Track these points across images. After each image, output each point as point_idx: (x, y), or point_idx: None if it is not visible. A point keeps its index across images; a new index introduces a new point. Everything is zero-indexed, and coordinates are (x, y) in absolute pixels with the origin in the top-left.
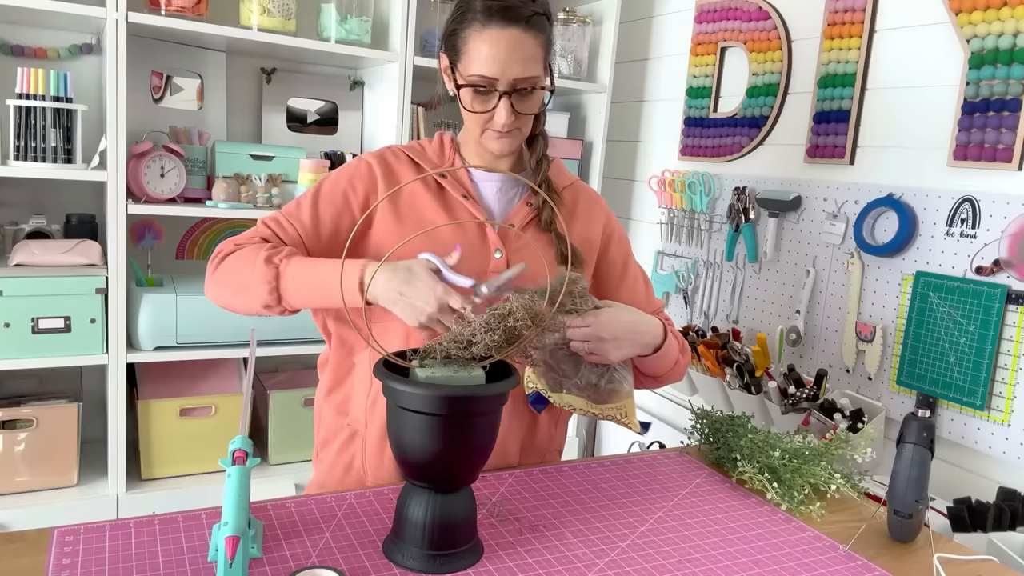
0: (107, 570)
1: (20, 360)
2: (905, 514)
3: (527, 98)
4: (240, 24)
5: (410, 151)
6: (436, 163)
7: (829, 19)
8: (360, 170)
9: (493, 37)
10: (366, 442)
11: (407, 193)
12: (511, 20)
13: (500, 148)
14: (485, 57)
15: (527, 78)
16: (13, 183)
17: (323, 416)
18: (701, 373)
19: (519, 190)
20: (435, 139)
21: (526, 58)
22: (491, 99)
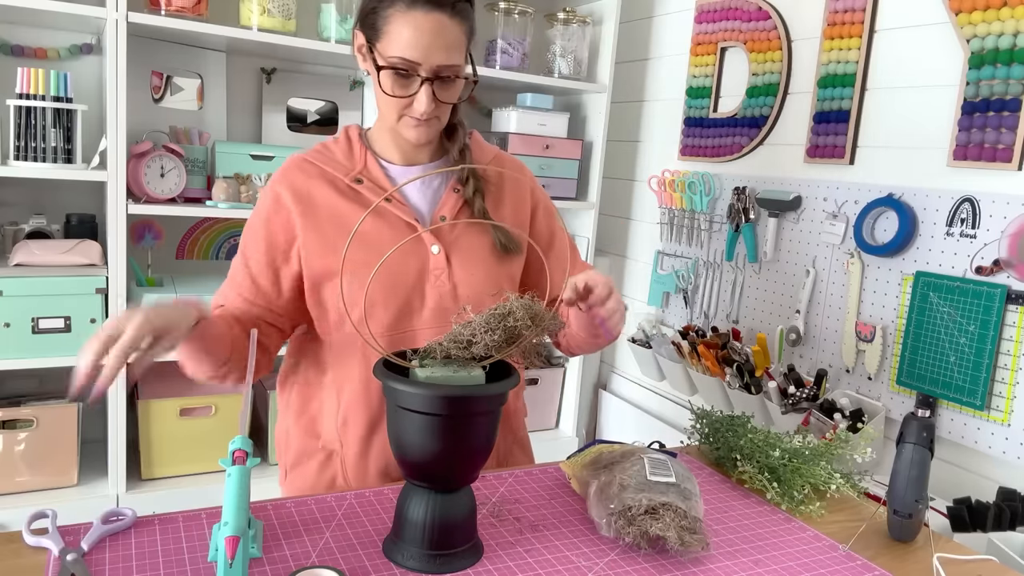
0: (107, 570)
1: (20, 360)
2: (905, 514)
3: (448, 86)
4: (240, 24)
5: (315, 158)
6: (347, 166)
7: (829, 19)
8: (271, 208)
9: (417, 20)
10: (345, 461)
11: (325, 210)
12: (436, 5)
13: (417, 136)
14: (408, 40)
15: (450, 66)
16: (13, 183)
17: (290, 438)
18: (701, 373)
19: (443, 177)
20: (341, 136)
21: (449, 45)
22: (412, 84)
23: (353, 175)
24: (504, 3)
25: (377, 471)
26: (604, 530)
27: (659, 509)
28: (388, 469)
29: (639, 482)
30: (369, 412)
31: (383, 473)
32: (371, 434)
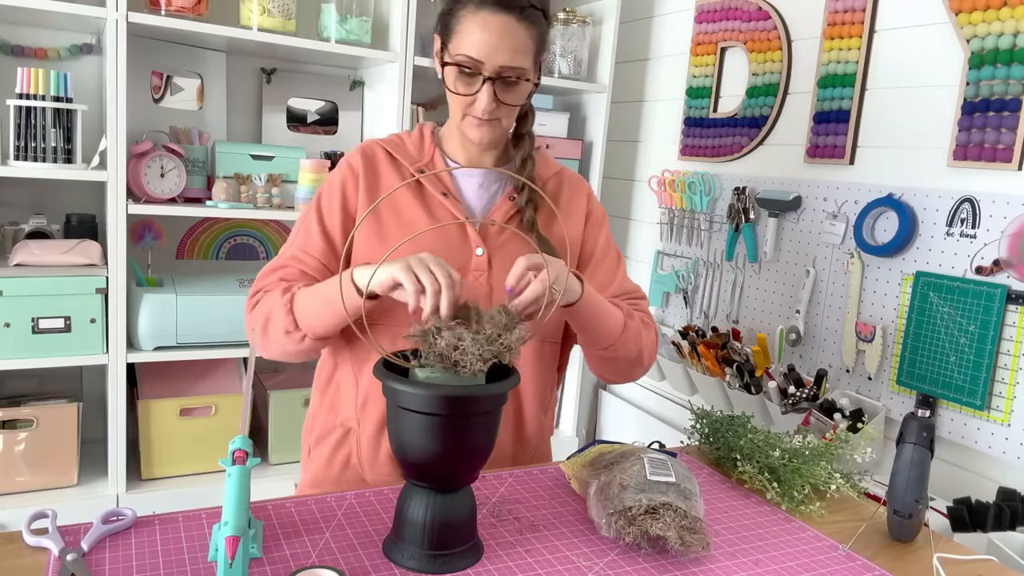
0: (107, 570)
1: (20, 360)
2: (905, 514)
3: (511, 88)
4: (240, 24)
5: (388, 145)
6: (415, 157)
7: (829, 19)
8: (345, 173)
9: (485, 20)
10: (360, 440)
11: (386, 187)
12: (505, 7)
13: (479, 136)
14: (475, 39)
15: (513, 68)
16: (13, 183)
17: (319, 413)
18: (701, 373)
19: (501, 185)
20: (415, 132)
21: (515, 47)
22: (475, 83)
23: (419, 165)
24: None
25: (389, 455)
26: (604, 530)
27: (659, 509)
28: None
29: (639, 482)
30: None
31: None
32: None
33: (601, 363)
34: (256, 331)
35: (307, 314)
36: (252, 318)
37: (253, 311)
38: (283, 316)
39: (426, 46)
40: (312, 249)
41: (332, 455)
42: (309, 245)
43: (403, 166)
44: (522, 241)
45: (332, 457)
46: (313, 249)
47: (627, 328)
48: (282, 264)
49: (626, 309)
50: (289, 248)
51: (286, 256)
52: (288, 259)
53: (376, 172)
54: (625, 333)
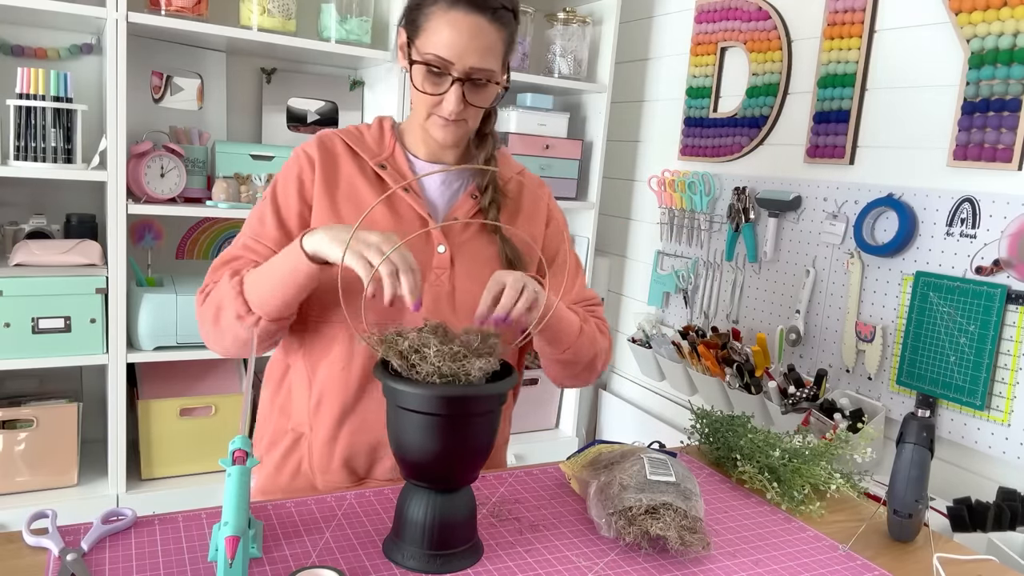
0: (107, 570)
1: (20, 360)
2: (905, 514)
3: (479, 90)
4: (240, 24)
5: (347, 137)
6: (375, 151)
7: (829, 19)
8: (302, 162)
9: (457, 20)
10: (312, 446)
11: (345, 184)
12: (477, 7)
13: (444, 137)
14: (445, 38)
15: (483, 69)
16: (13, 183)
17: (269, 418)
18: (701, 373)
19: (463, 182)
20: (374, 124)
21: (485, 48)
22: (443, 83)
23: (379, 159)
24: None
25: (342, 461)
26: (604, 530)
27: (659, 509)
28: (354, 461)
29: (639, 482)
30: (345, 396)
31: (347, 464)
32: (343, 419)
33: (557, 367)
34: (208, 322)
35: (259, 293)
36: (203, 311)
37: (204, 304)
38: (233, 299)
39: None
40: (265, 238)
41: (282, 462)
42: (262, 234)
43: (363, 159)
44: (485, 240)
45: (282, 464)
46: (266, 238)
47: (583, 333)
48: (234, 255)
49: (582, 314)
50: (241, 238)
51: (237, 246)
52: (240, 249)
53: (335, 163)
54: (581, 338)
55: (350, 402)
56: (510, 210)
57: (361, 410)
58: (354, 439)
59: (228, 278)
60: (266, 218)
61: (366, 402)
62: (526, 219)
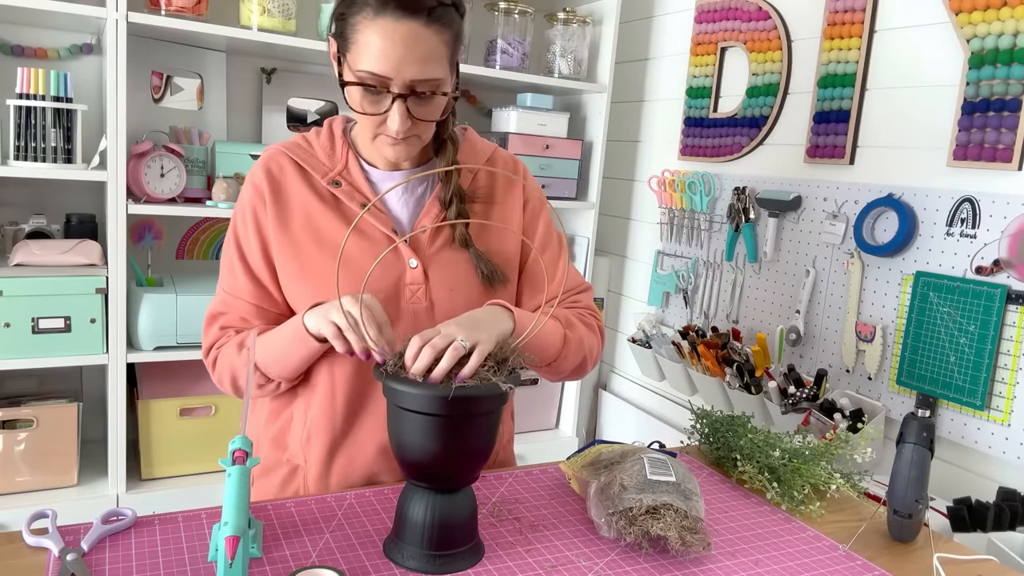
0: (107, 570)
1: (20, 360)
2: (905, 514)
3: (426, 103)
4: (240, 24)
5: (294, 153)
6: (326, 166)
7: (829, 19)
8: (252, 196)
9: (387, 29)
10: (307, 476)
11: (299, 212)
12: (409, 11)
13: (396, 155)
14: (376, 52)
15: (426, 80)
16: (13, 183)
17: (260, 447)
18: (701, 373)
19: (427, 185)
20: (324, 131)
21: (425, 57)
22: (383, 100)
23: (332, 176)
24: (504, 3)
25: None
26: (604, 531)
27: (660, 509)
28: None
29: (639, 482)
30: (332, 430)
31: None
32: (333, 453)
33: (543, 372)
34: (227, 387)
35: (274, 365)
36: (218, 378)
37: (216, 370)
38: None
39: None
40: (240, 292)
41: (280, 490)
42: (236, 287)
43: (313, 178)
44: (458, 248)
45: (280, 492)
46: (241, 292)
47: (567, 342)
48: (219, 311)
49: (565, 319)
50: (220, 290)
51: (219, 300)
52: (221, 304)
53: (283, 191)
54: (565, 348)
55: (339, 435)
56: (482, 205)
57: (351, 442)
58: (347, 471)
59: (236, 352)
60: (235, 270)
61: (356, 434)
62: (500, 210)
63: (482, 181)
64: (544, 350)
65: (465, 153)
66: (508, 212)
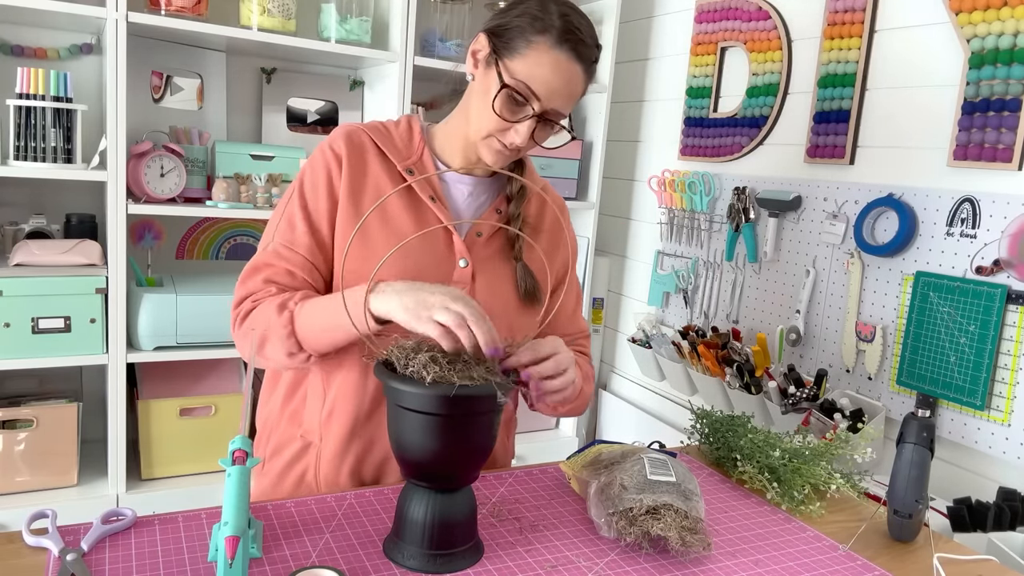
0: (107, 570)
1: (20, 360)
2: (905, 514)
3: (547, 130)
4: (240, 24)
5: (375, 135)
6: (402, 152)
7: (829, 19)
8: (329, 158)
9: (559, 62)
10: (321, 455)
11: (372, 185)
12: (579, 57)
13: (495, 161)
14: (541, 75)
15: (562, 114)
16: (13, 183)
17: (277, 424)
18: (701, 373)
19: (490, 195)
20: (402, 124)
21: (571, 95)
22: (520, 112)
23: (407, 164)
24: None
25: (350, 472)
26: (604, 531)
27: (660, 509)
28: (361, 471)
29: (639, 482)
30: (358, 408)
31: (355, 475)
32: (354, 431)
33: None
34: (250, 348)
35: (314, 337)
36: (243, 335)
37: (242, 325)
38: (284, 338)
39: (426, 46)
40: (297, 245)
41: (286, 470)
42: (294, 240)
43: (390, 161)
44: (505, 261)
45: (286, 472)
46: (298, 245)
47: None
48: (265, 262)
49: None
50: (270, 242)
51: (268, 252)
52: (271, 255)
53: (363, 161)
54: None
55: (363, 414)
56: (530, 231)
57: (373, 423)
58: (364, 451)
59: (276, 311)
60: (296, 222)
61: (380, 415)
62: (546, 239)
63: (533, 209)
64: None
65: (528, 177)
66: (552, 246)
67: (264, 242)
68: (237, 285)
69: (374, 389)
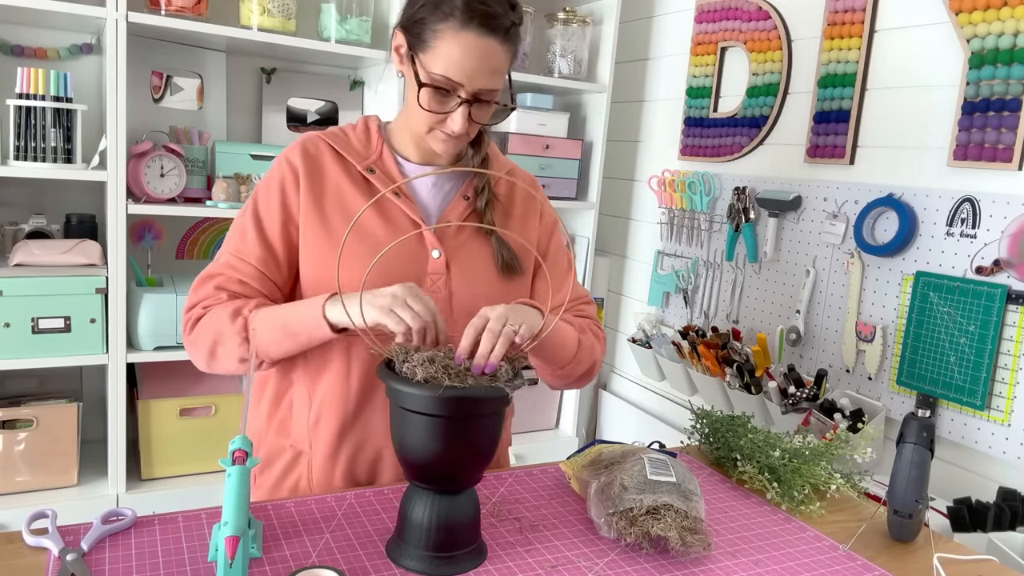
0: (107, 570)
1: (20, 360)
2: (905, 514)
3: (484, 109)
4: (240, 24)
5: (331, 139)
6: (362, 154)
7: (829, 19)
8: (284, 172)
9: (468, 43)
10: (312, 462)
11: (332, 190)
12: (491, 29)
13: (445, 150)
14: (455, 61)
15: (491, 90)
16: (13, 183)
17: (265, 435)
18: (701, 373)
19: (455, 183)
20: (359, 125)
21: (494, 70)
22: (449, 101)
23: (367, 163)
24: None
25: (343, 475)
26: (604, 531)
27: (660, 510)
28: (355, 473)
29: (640, 483)
30: (345, 410)
31: (349, 477)
32: (343, 435)
33: (552, 377)
34: (201, 353)
35: (268, 344)
36: (195, 339)
37: (194, 330)
38: (237, 345)
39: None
40: (247, 255)
41: (279, 481)
42: (244, 251)
43: (348, 163)
44: (480, 242)
45: (279, 483)
46: (248, 255)
47: (581, 346)
48: (217, 272)
49: (578, 324)
50: (223, 253)
51: (220, 263)
52: (222, 266)
53: (320, 169)
54: (580, 351)
55: (350, 415)
56: (502, 211)
57: (362, 422)
58: (355, 452)
59: (229, 317)
60: (247, 233)
61: (367, 414)
62: (519, 219)
63: (502, 191)
64: (563, 350)
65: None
66: (526, 225)
67: (221, 250)
68: (189, 292)
69: (358, 389)
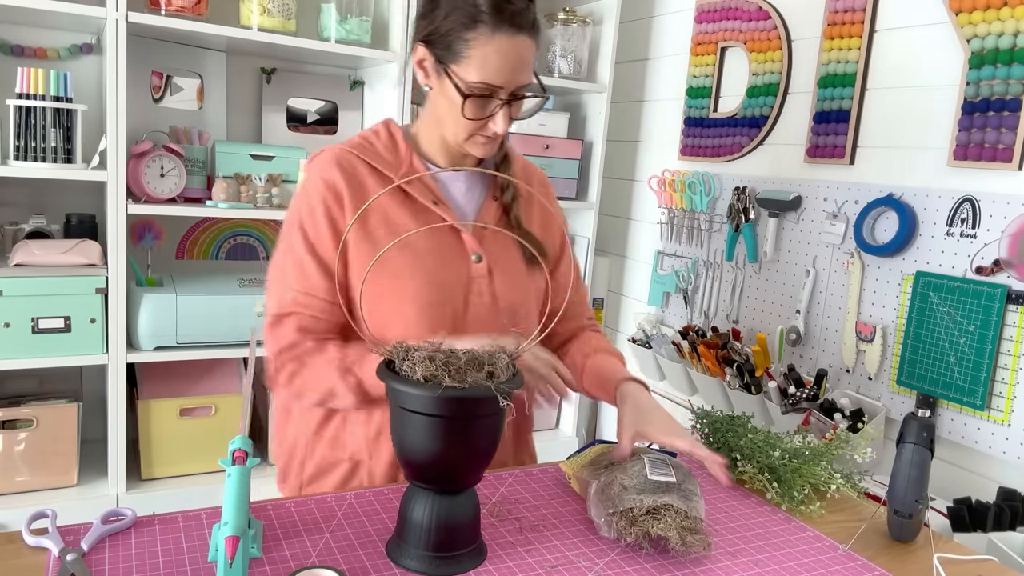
0: (107, 570)
1: (20, 360)
2: (905, 514)
3: (520, 104)
4: (240, 24)
5: (362, 152)
6: (392, 163)
7: (829, 19)
8: (324, 194)
9: (503, 46)
10: (374, 471)
11: (376, 204)
12: (519, 27)
13: (486, 152)
14: (493, 66)
15: (527, 85)
16: (13, 183)
17: (313, 450)
18: (701, 373)
19: (483, 185)
20: (382, 133)
21: (528, 65)
22: (489, 105)
23: (401, 174)
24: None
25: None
26: (605, 531)
27: (660, 510)
28: None
29: (640, 483)
30: None
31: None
32: None
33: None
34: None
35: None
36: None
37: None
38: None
39: None
40: (315, 290)
41: (340, 487)
42: (310, 286)
43: (384, 175)
44: (509, 241)
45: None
46: (315, 289)
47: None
48: (288, 310)
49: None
50: (286, 290)
51: (289, 301)
52: (293, 304)
53: (362, 184)
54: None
55: None
56: (524, 206)
57: None
58: None
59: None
60: (306, 267)
61: None
62: (539, 214)
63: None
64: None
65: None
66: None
67: (273, 283)
68: (266, 333)
69: None
